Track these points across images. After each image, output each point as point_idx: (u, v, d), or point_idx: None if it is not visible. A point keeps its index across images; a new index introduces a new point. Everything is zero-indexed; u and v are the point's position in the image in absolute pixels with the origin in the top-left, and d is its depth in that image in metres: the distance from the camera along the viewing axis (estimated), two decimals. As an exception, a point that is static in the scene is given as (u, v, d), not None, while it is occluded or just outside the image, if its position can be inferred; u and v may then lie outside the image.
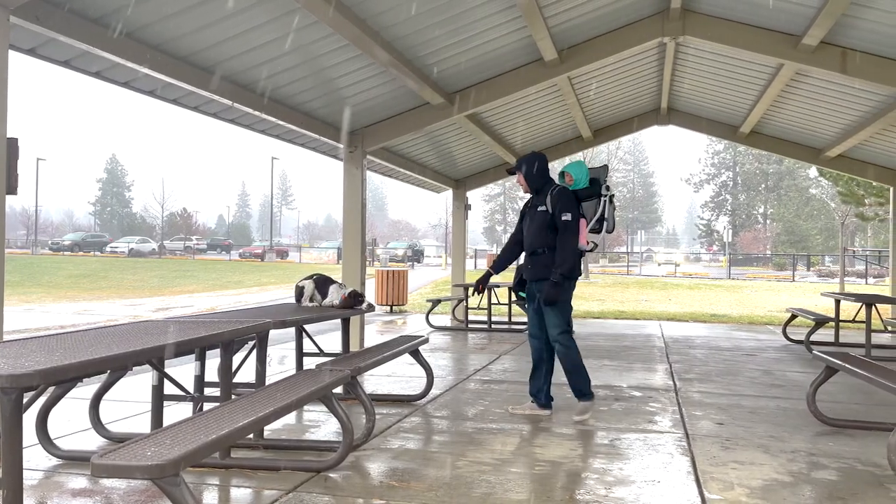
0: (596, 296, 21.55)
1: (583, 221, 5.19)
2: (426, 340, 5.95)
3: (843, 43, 7.09)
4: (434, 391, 5.97)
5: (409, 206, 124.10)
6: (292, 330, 5.79)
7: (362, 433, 4.36)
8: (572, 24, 7.37)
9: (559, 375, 5.31)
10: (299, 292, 5.83)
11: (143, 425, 4.71)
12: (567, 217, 5.03)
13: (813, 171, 49.17)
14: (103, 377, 4.36)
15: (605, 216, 5.28)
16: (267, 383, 4.13)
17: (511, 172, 5.53)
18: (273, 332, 4.39)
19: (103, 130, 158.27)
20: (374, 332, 11.00)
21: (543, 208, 5.17)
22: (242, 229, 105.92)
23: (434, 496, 3.49)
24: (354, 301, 5.65)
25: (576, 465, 4.05)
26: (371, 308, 5.87)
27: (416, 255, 51.54)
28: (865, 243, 46.43)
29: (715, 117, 11.77)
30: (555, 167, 8.68)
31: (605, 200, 5.29)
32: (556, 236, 5.09)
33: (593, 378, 6.92)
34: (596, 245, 5.41)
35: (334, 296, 5.72)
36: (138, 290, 24.86)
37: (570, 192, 5.22)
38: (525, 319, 11.50)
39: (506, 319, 12.25)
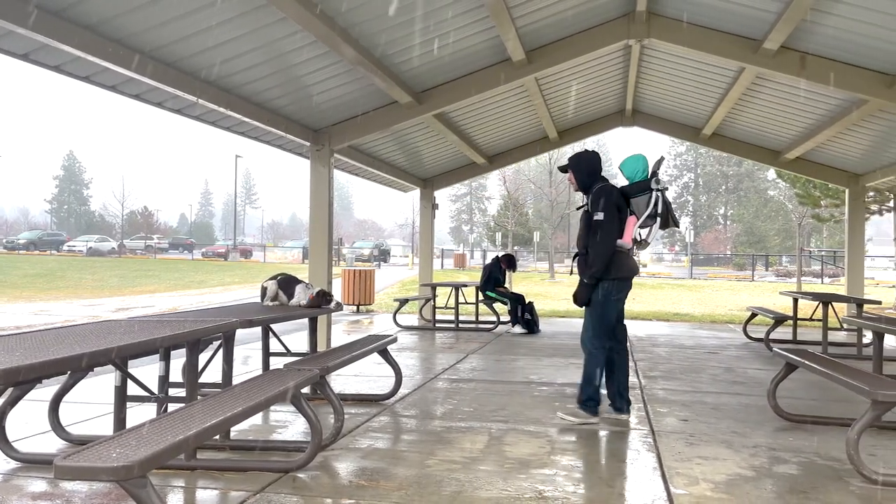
0: (562, 295, 21.73)
1: (631, 219, 4.97)
2: (395, 339, 5.93)
3: (802, 48, 7.27)
4: (402, 390, 5.95)
5: (375, 206, 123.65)
6: (257, 330, 5.72)
7: (331, 433, 4.32)
8: (540, 26, 7.42)
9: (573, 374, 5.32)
10: (263, 292, 5.77)
11: (105, 428, 4.61)
12: (599, 217, 4.85)
13: (771, 174, 50.37)
14: (63, 379, 4.26)
15: (658, 211, 4.98)
16: (233, 383, 4.08)
17: (563, 170, 5.32)
18: (238, 333, 4.34)
19: (60, 126, 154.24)
20: (341, 332, 10.93)
21: (587, 209, 5.05)
22: (205, 228, 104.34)
23: (404, 495, 3.48)
24: (322, 300, 5.61)
25: (544, 462, 4.07)
26: (339, 307, 5.83)
27: (383, 255, 51.36)
28: (821, 244, 47.71)
29: (678, 119, 11.97)
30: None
31: (656, 195, 4.99)
32: None
33: (560, 376, 7.02)
34: (647, 242, 5.12)
35: (301, 296, 5.67)
36: (97, 290, 24.30)
37: (609, 189, 5.00)
38: (492, 318, 11.60)
39: (473, 319, 12.27)
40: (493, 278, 11.45)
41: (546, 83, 9.56)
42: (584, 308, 5.12)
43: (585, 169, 5.15)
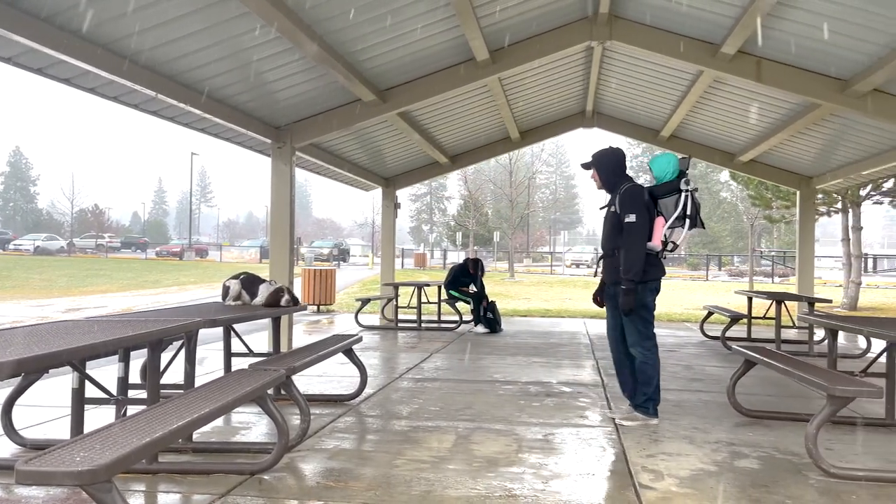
0: (522, 294, 21.89)
1: (659, 220, 4.81)
2: (359, 339, 5.88)
3: (758, 53, 7.45)
4: (367, 390, 5.91)
5: (334, 205, 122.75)
6: (216, 330, 5.59)
7: (297, 434, 4.26)
8: (504, 26, 7.45)
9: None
10: (225, 291, 5.66)
11: (61, 431, 4.46)
12: (630, 219, 4.70)
13: (724, 176, 51.51)
14: (15, 381, 4.10)
15: (688, 212, 4.82)
16: (195, 384, 3.99)
17: (586, 168, 5.12)
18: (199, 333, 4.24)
19: (6, 121, 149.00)
20: (302, 333, 10.80)
21: (614, 209, 4.88)
22: (159, 227, 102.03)
23: (373, 495, 3.45)
24: (278, 295, 5.50)
25: (512, 460, 4.08)
26: (296, 302, 5.69)
27: (342, 255, 50.95)
28: (772, 244, 49.03)
29: (637, 121, 12.15)
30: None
31: (686, 195, 4.82)
32: None
33: (524, 375, 7.06)
34: (676, 245, 4.96)
35: (264, 295, 5.58)
36: (46, 290, 23.53)
37: (639, 190, 4.84)
38: (455, 318, 11.60)
39: (435, 318, 12.26)
40: (458, 280, 11.45)
41: (509, 84, 9.61)
42: (623, 316, 4.93)
43: (611, 167, 4.98)
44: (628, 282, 4.72)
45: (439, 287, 12.02)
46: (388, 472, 3.81)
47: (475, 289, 11.30)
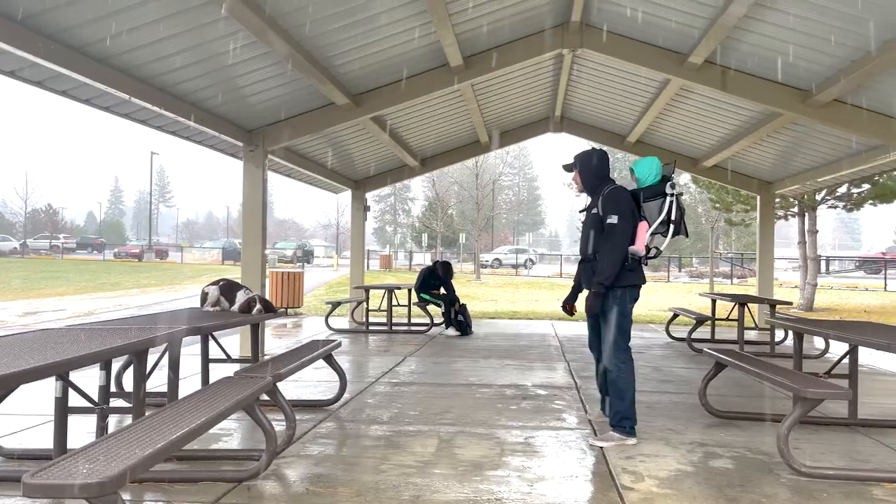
0: (489, 296, 22.04)
1: (642, 225, 4.66)
2: (339, 345, 5.89)
3: (724, 63, 7.68)
4: (345, 395, 5.92)
5: (296, 205, 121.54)
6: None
7: (282, 440, 4.26)
8: (479, 32, 7.54)
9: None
10: (204, 297, 5.64)
11: (39, 439, 4.40)
12: (612, 220, 4.54)
13: (684, 178, 52.52)
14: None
15: (672, 218, 4.68)
16: (178, 392, 3.97)
17: (568, 169, 4.99)
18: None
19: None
20: (270, 336, 10.72)
21: (596, 211, 4.72)
22: (115, 227, 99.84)
23: (363, 500, 3.49)
24: (248, 306, 5.47)
25: (496, 464, 4.16)
26: (269, 310, 5.64)
27: (306, 256, 50.51)
28: (730, 246, 50.17)
29: (604, 126, 12.38)
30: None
31: (670, 200, 4.69)
32: None
33: (499, 378, 7.15)
34: (659, 251, 4.81)
35: (242, 301, 5.56)
36: (0, 293, 22.88)
37: (623, 192, 4.70)
38: (425, 320, 11.65)
39: (406, 321, 12.29)
40: (428, 283, 11.49)
41: (481, 89, 9.71)
42: (601, 322, 4.82)
43: (594, 169, 4.83)
44: (598, 285, 4.57)
45: (409, 290, 12.06)
46: (375, 478, 3.85)
47: (444, 291, 11.36)
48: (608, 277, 4.53)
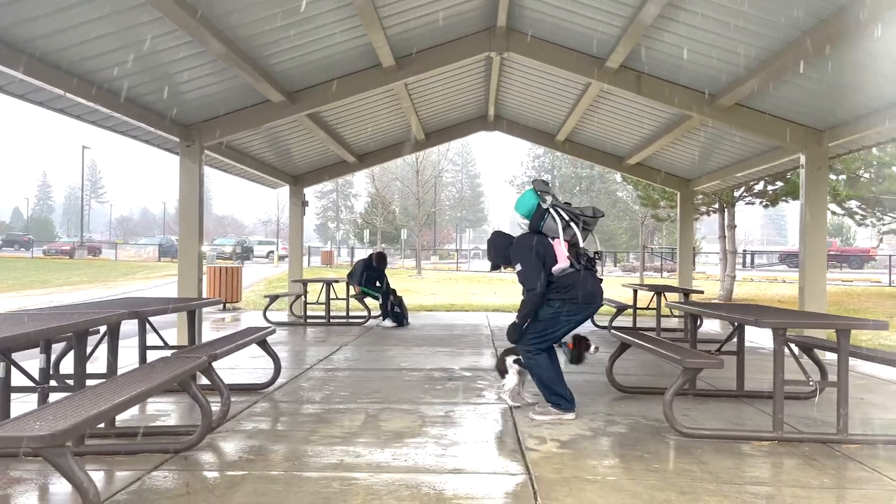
0: (428, 290, 22.46)
1: (555, 242, 4.92)
2: (273, 331, 6.19)
3: (638, 68, 8.28)
4: (280, 380, 6.24)
5: (235, 201, 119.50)
6: (130, 326, 5.79)
7: (217, 416, 4.56)
8: (409, 35, 7.92)
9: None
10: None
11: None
12: (518, 268, 4.93)
13: (619, 176, 54.13)
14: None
15: (566, 219, 5.00)
16: (117, 374, 4.23)
17: (496, 266, 5.31)
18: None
19: None
20: (209, 329, 10.88)
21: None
22: (44, 224, 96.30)
23: (290, 465, 3.84)
24: None
25: (417, 433, 4.57)
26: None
27: (246, 253, 49.95)
28: (662, 241, 52.02)
29: (535, 125, 12.94)
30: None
31: (549, 214, 5.01)
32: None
33: (429, 363, 7.57)
34: (582, 249, 5.06)
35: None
36: (-77, 291, 22.05)
37: (519, 240, 5.07)
38: (363, 313, 11.96)
39: (344, 314, 12.59)
40: (365, 275, 11.80)
41: (414, 88, 10.10)
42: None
43: (498, 249, 5.19)
44: (520, 317, 4.99)
45: (347, 284, 12.36)
46: (303, 447, 4.20)
47: (379, 284, 11.70)
48: (525, 315, 4.98)
